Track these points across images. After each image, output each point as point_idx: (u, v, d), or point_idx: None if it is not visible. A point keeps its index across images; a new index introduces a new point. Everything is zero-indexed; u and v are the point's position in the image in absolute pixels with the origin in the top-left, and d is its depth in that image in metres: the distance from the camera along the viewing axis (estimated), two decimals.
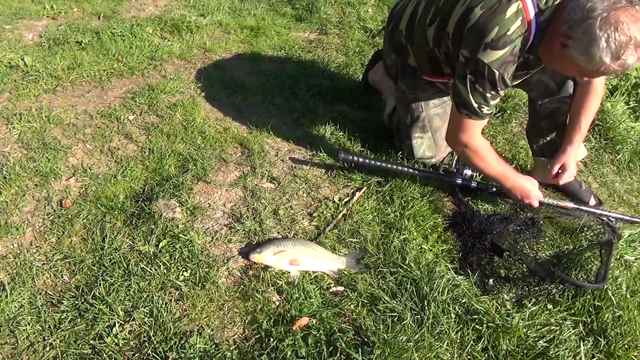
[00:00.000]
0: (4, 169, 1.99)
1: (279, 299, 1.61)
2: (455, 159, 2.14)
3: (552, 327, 1.59)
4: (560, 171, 1.97)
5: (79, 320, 1.49)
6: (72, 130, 2.27)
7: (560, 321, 1.62)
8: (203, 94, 2.66)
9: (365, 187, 2.09)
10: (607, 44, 1.39)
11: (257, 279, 1.65)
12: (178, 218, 1.86)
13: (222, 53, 3.09)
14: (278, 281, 1.65)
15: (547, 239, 1.94)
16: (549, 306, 1.66)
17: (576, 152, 1.98)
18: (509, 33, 1.55)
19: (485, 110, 1.72)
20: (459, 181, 2.06)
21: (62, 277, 1.62)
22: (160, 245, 1.73)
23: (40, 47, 2.92)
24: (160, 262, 1.67)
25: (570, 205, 2.01)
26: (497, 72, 1.60)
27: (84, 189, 1.97)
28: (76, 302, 1.54)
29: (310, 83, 2.83)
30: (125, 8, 3.57)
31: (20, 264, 1.63)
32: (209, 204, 1.96)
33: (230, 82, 2.78)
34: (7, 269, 1.62)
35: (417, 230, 1.89)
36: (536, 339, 1.55)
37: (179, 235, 1.76)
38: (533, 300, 1.66)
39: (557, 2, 1.55)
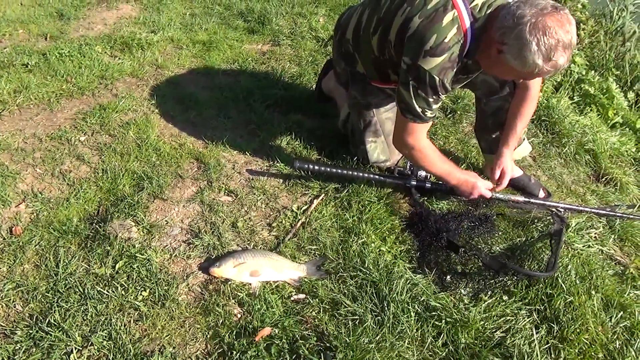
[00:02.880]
0: None
1: (241, 311, 1.60)
2: (408, 160, 2.20)
3: (508, 318, 1.65)
4: (501, 174, 2.06)
5: (34, 349, 1.45)
6: (21, 155, 2.21)
7: (516, 311, 1.68)
8: (157, 110, 2.63)
9: (323, 195, 2.11)
10: (537, 47, 1.48)
11: (218, 293, 1.65)
12: (134, 237, 1.83)
13: (175, 69, 3.07)
14: (239, 293, 1.65)
15: (500, 233, 2.01)
16: (505, 297, 1.72)
17: (512, 153, 2.09)
18: (446, 40, 1.63)
19: (428, 113, 1.79)
20: (414, 182, 2.11)
21: (14, 307, 1.57)
22: (117, 266, 1.71)
23: None
24: (118, 283, 1.64)
25: (521, 198, 2.09)
26: (437, 78, 1.67)
27: (35, 214, 1.92)
28: (30, 332, 1.49)
29: (265, 94, 2.84)
30: (73, 28, 3.50)
31: None
32: (166, 221, 1.94)
33: (184, 98, 2.77)
34: None
35: (375, 233, 1.93)
36: (493, 330, 1.60)
37: (136, 255, 1.74)
38: (489, 293, 1.71)
39: (489, 11, 1.63)
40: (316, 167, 2.11)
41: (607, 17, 4.88)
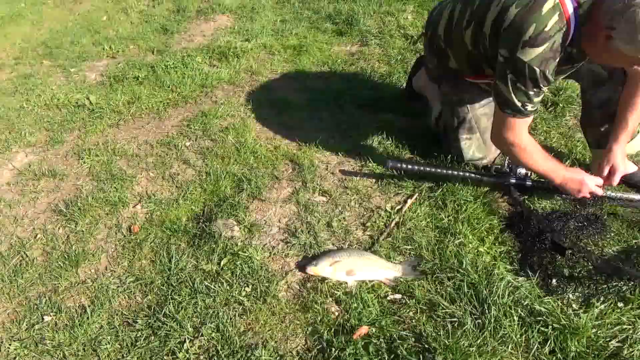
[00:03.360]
0: (79, 200, 2.16)
1: (338, 309, 1.64)
2: (507, 158, 2.11)
3: (625, 326, 1.52)
4: (610, 172, 1.90)
5: (153, 337, 1.59)
6: (136, 160, 2.43)
7: (633, 319, 1.54)
8: (252, 115, 2.76)
9: (417, 194, 2.09)
10: None
11: (316, 291, 1.69)
12: (237, 236, 1.94)
13: (268, 74, 3.20)
14: (336, 292, 1.68)
15: (612, 234, 1.86)
16: (620, 304, 1.58)
17: (624, 149, 1.92)
18: (546, 29, 1.54)
19: (529, 107, 1.70)
20: (513, 180, 2.02)
21: (135, 298, 1.73)
22: (222, 263, 1.82)
23: (102, 85, 3.15)
24: (223, 279, 1.75)
25: (636, 196, 1.92)
26: (537, 70, 1.59)
27: (149, 214, 2.10)
28: (149, 321, 1.64)
29: (355, 95, 2.87)
30: (175, 41, 3.78)
31: (98, 287, 1.76)
32: (264, 220, 2.03)
33: (278, 102, 2.87)
34: (87, 292, 1.75)
35: (472, 233, 1.87)
36: (607, 339, 1.49)
37: (239, 252, 1.84)
38: (601, 298, 1.59)
39: None
40: (409, 166, 2.09)
41: None
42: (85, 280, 1.80)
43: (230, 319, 1.62)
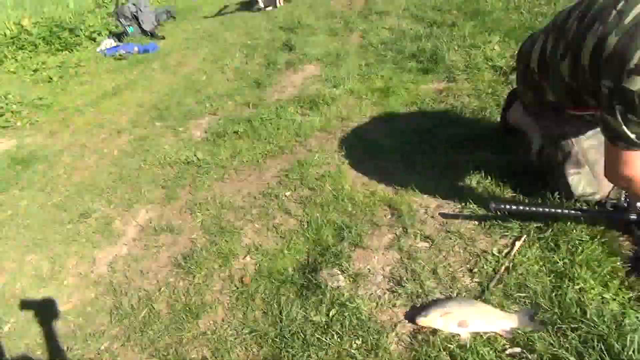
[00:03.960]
0: (194, 254, 2.33)
1: None
2: (624, 192, 1.96)
3: None
4: None
5: None
6: (242, 212, 2.58)
7: None
8: (347, 161, 2.83)
9: (525, 235, 2.00)
10: None
11: (427, 344, 1.66)
12: (342, 286, 1.97)
13: (358, 119, 3.28)
14: (449, 345, 1.64)
15: None
16: None
17: None
18: None
19: None
20: (634, 216, 1.87)
21: (252, 350, 1.81)
22: (331, 314, 1.85)
23: (207, 141, 3.41)
24: (333, 331, 1.78)
25: None
26: None
27: (258, 265, 2.20)
28: None
29: (447, 133, 2.85)
30: (268, 94, 4.01)
31: (217, 339, 1.87)
32: (368, 269, 2.05)
33: (370, 146, 2.93)
34: (208, 344, 1.87)
35: (593, 277, 1.75)
36: None
37: (346, 303, 1.87)
38: None
39: None
40: (514, 207, 2.01)
41: None
42: (206, 332, 1.92)
43: None
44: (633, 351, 1.45)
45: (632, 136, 1.60)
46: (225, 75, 4.62)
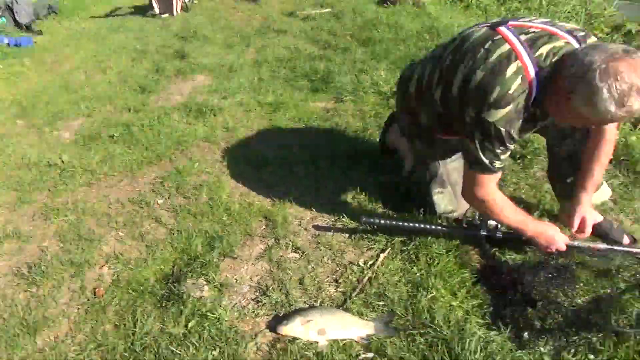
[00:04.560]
0: (42, 263, 2.10)
1: None
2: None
3: None
4: (582, 223, 1.93)
5: None
6: (106, 219, 2.39)
7: None
8: (227, 171, 2.77)
9: (390, 248, 2.08)
10: (609, 94, 1.41)
11: (285, 353, 1.64)
12: (206, 296, 1.89)
13: (244, 131, 3.24)
14: (307, 352, 1.63)
15: (582, 284, 1.85)
16: (590, 356, 1.56)
17: (591, 199, 1.96)
18: (510, 92, 1.60)
19: (497, 164, 1.74)
20: (484, 233, 2.03)
21: None
22: (189, 325, 1.76)
23: (76, 144, 3.15)
24: (190, 342, 1.69)
25: (603, 246, 1.94)
26: (503, 129, 1.64)
27: (116, 275, 2.04)
28: None
29: (330, 150, 2.90)
30: (153, 100, 3.83)
31: (55, 356, 1.68)
32: (235, 279, 1.99)
33: (253, 158, 2.89)
34: None
35: (444, 287, 1.85)
36: None
37: (207, 313, 1.79)
38: (572, 351, 1.56)
39: (555, 59, 1.59)
40: (382, 222, 2.09)
41: None
42: (44, 349, 1.72)
43: None
44: (471, 352, 1.54)
45: (487, 162, 1.74)
46: (107, 77, 4.34)
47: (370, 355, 1.62)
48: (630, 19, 4.86)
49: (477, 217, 2.11)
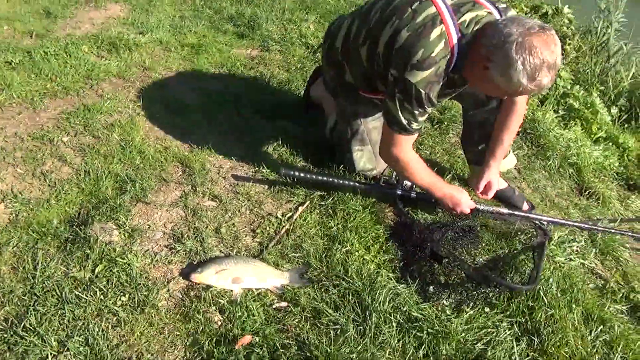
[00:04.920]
0: None
1: (221, 318, 1.58)
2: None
3: (490, 330, 1.65)
4: (486, 187, 2.07)
5: (8, 354, 1.41)
6: (1, 154, 2.16)
7: (497, 323, 1.68)
8: (142, 113, 2.61)
9: (308, 202, 2.10)
10: (523, 67, 1.50)
11: (199, 300, 1.62)
12: (115, 241, 1.80)
13: (163, 71, 3.05)
14: (220, 300, 1.63)
15: (484, 245, 2.02)
16: (487, 309, 1.72)
17: (499, 166, 2.11)
18: (433, 55, 1.64)
19: (414, 126, 1.80)
20: (399, 192, 2.11)
21: None
22: (97, 270, 1.68)
23: None
24: (97, 287, 1.61)
25: (505, 210, 2.11)
26: (423, 92, 1.68)
27: (14, 215, 1.88)
28: (5, 336, 1.46)
29: (253, 100, 2.83)
30: (59, 26, 3.46)
31: None
32: (148, 225, 1.91)
33: (171, 101, 2.74)
34: None
35: (359, 242, 1.92)
36: (474, 342, 1.60)
37: (116, 259, 1.71)
38: (471, 304, 1.71)
39: (477, 27, 1.65)
40: (302, 175, 2.10)
41: (592, 33, 4.97)
42: None
43: (102, 331, 1.50)
44: (379, 303, 1.63)
45: (404, 122, 1.79)
46: None
47: (284, 304, 1.65)
48: (547, 2, 5.15)
49: (393, 176, 2.19)
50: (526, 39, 1.49)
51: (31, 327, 1.48)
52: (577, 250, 2.11)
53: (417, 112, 1.77)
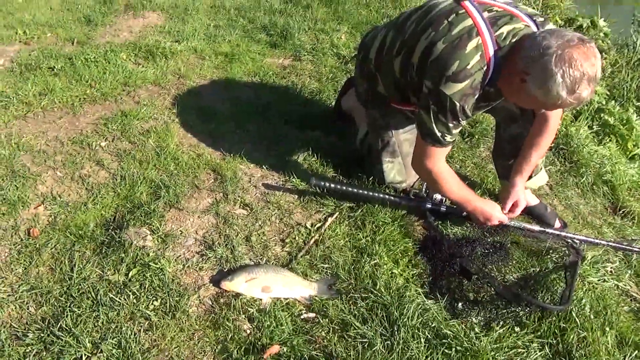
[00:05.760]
0: None
1: (250, 327, 1.60)
2: (425, 183, 2.19)
3: (519, 350, 1.62)
4: (514, 205, 2.04)
5: (45, 353, 1.47)
6: (43, 157, 2.25)
7: (528, 343, 1.65)
8: (177, 120, 2.67)
9: (337, 213, 2.11)
10: (562, 79, 1.48)
11: (229, 307, 1.65)
12: (149, 246, 1.85)
13: (197, 79, 3.12)
14: (249, 309, 1.65)
15: (514, 262, 1.99)
16: (517, 328, 1.69)
17: (524, 182, 2.07)
18: (469, 67, 1.63)
19: (448, 138, 1.79)
20: (429, 205, 2.10)
21: (27, 309, 1.59)
22: (131, 274, 1.72)
23: (11, 72, 2.90)
24: (130, 291, 1.66)
25: (536, 227, 2.07)
26: (458, 104, 1.68)
27: (52, 217, 1.94)
28: (42, 335, 1.51)
29: (284, 109, 2.87)
30: (99, 34, 3.58)
31: None
32: (180, 231, 1.95)
33: (205, 109, 2.80)
34: None
35: (388, 255, 1.92)
36: None
37: (150, 263, 1.75)
38: (501, 323, 1.69)
39: (514, 40, 1.63)
40: (332, 185, 2.11)
41: (629, 47, 4.87)
42: None
43: (135, 334, 1.53)
44: (408, 318, 1.62)
45: (438, 134, 1.79)
46: (49, 3, 3.99)
47: (312, 315, 1.66)
48: (582, 15, 5.06)
49: (423, 189, 2.18)
50: (566, 51, 1.47)
51: (67, 328, 1.52)
52: (611, 271, 2.06)
53: (451, 125, 1.76)
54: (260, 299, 1.67)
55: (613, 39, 5.02)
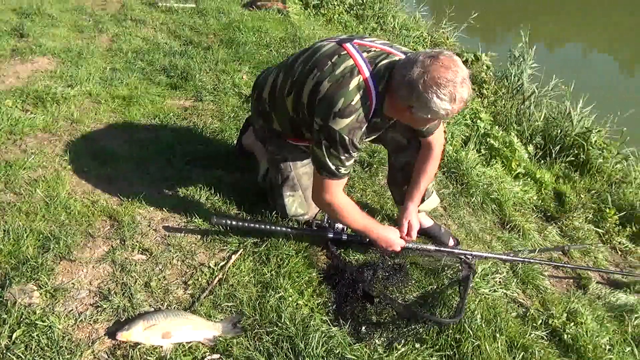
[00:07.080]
0: None
1: None
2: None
3: None
4: (409, 228, 2.16)
5: None
6: None
7: (427, 358, 1.73)
8: (69, 167, 2.54)
9: (242, 249, 2.10)
10: (439, 99, 1.64)
11: (126, 359, 1.56)
12: (36, 303, 1.72)
13: (92, 124, 3.00)
14: (149, 358, 1.58)
15: (414, 282, 2.09)
16: (417, 345, 1.77)
17: (416, 207, 2.21)
18: (353, 103, 1.76)
19: (342, 170, 1.88)
20: (331, 235, 2.16)
21: None
22: (14, 335, 1.58)
23: None
24: (14, 354, 1.52)
25: (432, 247, 2.20)
26: (347, 137, 1.78)
27: None
28: None
29: (186, 150, 2.83)
30: None
31: None
32: (72, 283, 1.84)
33: (101, 153, 2.70)
34: None
35: (292, 286, 1.93)
36: None
37: (36, 322, 1.63)
38: (402, 341, 1.76)
39: (387, 74, 1.78)
40: (234, 223, 2.11)
41: (508, 78, 5.43)
42: None
43: None
44: (313, 348, 1.63)
45: (333, 167, 1.87)
46: None
47: (217, 356, 1.62)
48: (466, 50, 5.61)
49: (325, 220, 2.24)
50: (427, 76, 1.62)
51: None
52: (500, 281, 2.23)
53: (343, 157, 1.85)
54: (161, 346, 1.61)
55: (494, 70, 5.59)
